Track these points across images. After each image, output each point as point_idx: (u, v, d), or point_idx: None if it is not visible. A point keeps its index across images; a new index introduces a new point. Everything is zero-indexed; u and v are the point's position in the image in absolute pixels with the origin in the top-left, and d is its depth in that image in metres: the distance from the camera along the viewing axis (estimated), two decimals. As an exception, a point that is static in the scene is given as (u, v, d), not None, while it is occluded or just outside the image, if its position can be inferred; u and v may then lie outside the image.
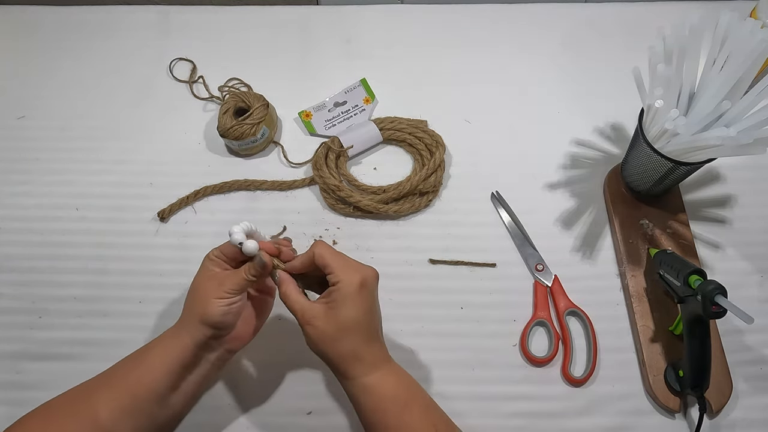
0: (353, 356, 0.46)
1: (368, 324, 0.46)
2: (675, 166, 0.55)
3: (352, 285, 0.46)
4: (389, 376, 0.47)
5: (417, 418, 0.45)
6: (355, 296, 0.45)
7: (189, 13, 0.80)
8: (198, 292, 0.48)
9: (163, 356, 0.47)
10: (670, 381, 0.54)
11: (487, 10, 0.79)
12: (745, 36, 0.49)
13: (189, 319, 0.48)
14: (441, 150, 0.66)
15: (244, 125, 0.64)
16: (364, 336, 0.46)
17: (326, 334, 0.46)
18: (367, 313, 0.46)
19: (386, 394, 0.45)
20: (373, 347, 0.47)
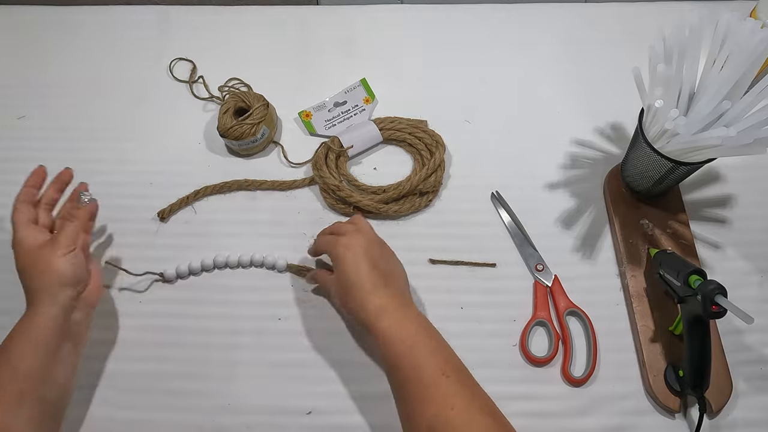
0: (356, 311, 0.51)
1: (364, 276, 0.51)
2: (675, 166, 0.55)
3: (338, 250, 0.53)
4: (398, 320, 0.50)
5: (426, 360, 0.47)
6: (342, 258, 0.53)
7: (189, 13, 0.80)
8: (40, 262, 0.50)
9: (36, 334, 0.49)
10: (670, 381, 0.54)
11: (487, 10, 0.79)
12: (745, 36, 0.49)
13: (45, 291, 0.50)
14: (441, 150, 0.66)
15: (244, 125, 0.64)
16: (364, 287, 0.51)
17: (338, 295, 0.54)
18: (358, 266, 0.52)
19: (395, 337, 0.48)
20: (378, 294, 0.51)
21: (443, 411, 0.44)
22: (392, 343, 0.48)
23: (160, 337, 0.59)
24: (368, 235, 0.55)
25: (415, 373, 0.46)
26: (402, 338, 0.48)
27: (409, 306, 0.52)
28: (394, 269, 0.55)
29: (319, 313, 0.60)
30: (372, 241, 0.54)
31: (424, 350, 0.48)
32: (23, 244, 0.52)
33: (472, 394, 0.46)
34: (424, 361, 0.47)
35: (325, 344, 0.58)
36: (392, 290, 0.52)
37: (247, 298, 0.61)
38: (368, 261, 0.52)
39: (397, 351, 0.48)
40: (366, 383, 0.57)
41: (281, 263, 0.61)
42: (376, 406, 0.56)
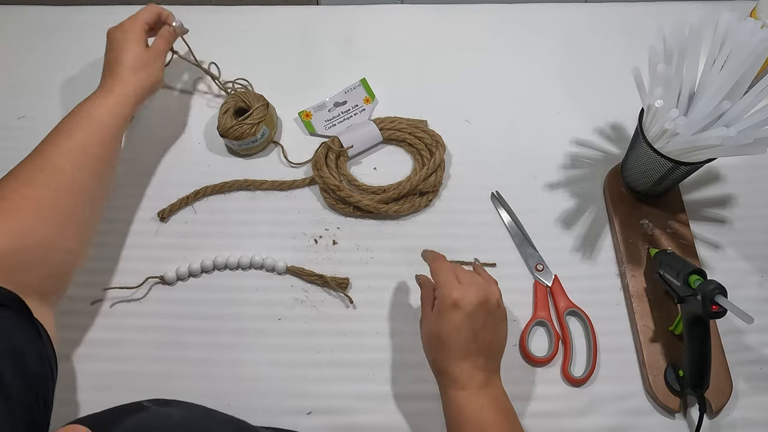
0: (438, 368, 0.49)
1: (456, 342, 0.47)
2: (675, 166, 0.55)
3: (445, 301, 0.47)
4: (476, 398, 0.47)
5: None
6: (445, 312, 0.47)
7: (189, 13, 0.79)
8: (145, 64, 0.62)
9: (114, 117, 0.58)
10: (670, 381, 0.54)
11: (487, 10, 0.79)
12: (745, 36, 0.49)
13: (129, 81, 0.60)
14: (441, 150, 0.66)
15: (244, 125, 0.64)
16: (451, 352, 0.47)
17: (423, 338, 0.51)
18: (457, 332, 0.47)
19: (463, 412, 0.46)
20: (462, 366, 0.47)
21: None
22: (464, 415, 0.46)
23: (160, 338, 0.59)
24: (484, 295, 0.48)
25: None
26: (476, 415, 0.46)
27: (493, 383, 0.48)
28: (494, 340, 0.49)
29: (319, 313, 0.60)
30: (485, 304, 0.48)
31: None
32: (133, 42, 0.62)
33: None
34: None
35: (326, 344, 0.59)
36: (483, 363, 0.48)
37: (247, 299, 0.61)
38: (472, 327, 0.47)
39: (467, 426, 0.46)
40: (366, 383, 0.57)
41: (281, 265, 0.61)
42: (376, 406, 0.56)
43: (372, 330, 0.59)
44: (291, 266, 0.62)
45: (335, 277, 0.61)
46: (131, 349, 0.58)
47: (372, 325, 0.59)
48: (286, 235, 0.64)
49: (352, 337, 0.59)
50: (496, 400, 0.47)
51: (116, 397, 0.56)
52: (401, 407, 0.56)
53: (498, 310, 0.49)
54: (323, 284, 0.61)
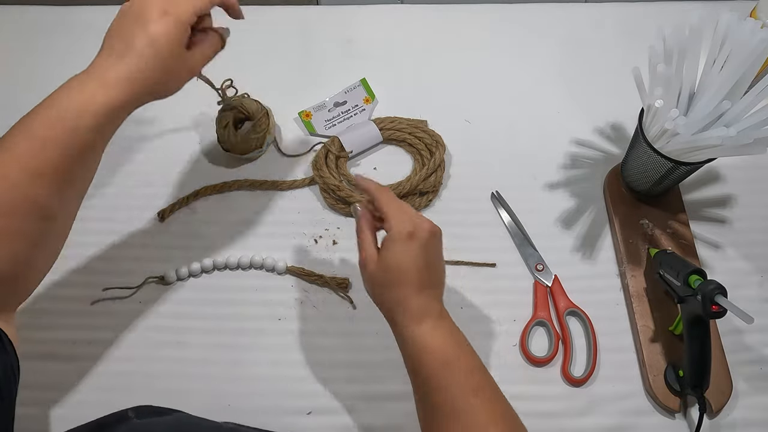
0: (398, 304, 0.45)
1: (416, 274, 0.45)
2: (675, 166, 0.55)
3: (402, 234, 0.46)
4: (436, 331, 0.45)
5: (458, 378, 0.44)
6: (403, 245, 0.45)
7: (189, 13, 0.80)
8: (167, 67, 0.45)
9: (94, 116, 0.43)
10: (670, 381, 0.54)
11: (487, 10, 0.79)
12: (745, 36, 0.49)
13: (138, 83, 0.44)
14: (441, 150, 0.66)
15: (251, 140, 0.65)
16: (411, 286, 0.45)
17: (375, 278, 0.46)
18: (415, 263, 0.45)
19: (427, 348, 0.44)
20: (420, 299, 0.45)
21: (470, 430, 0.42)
22: (428, 351, 0.44)
23: (160, 338, 0.59)
24: (432, 225, 0.48)
25: (447, 388, 0.43)
26: (440, 349, 0.44)
27: (447, 316, 0.47)
28: (442, 274, 0.49)
29: (319, 313, 0.60)
30: (435, 235, 0.47)
31: (459, 368, 0.44)
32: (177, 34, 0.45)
33: (504, 413, 0.44)
34: (457, 379, 0.44)
35: (325, 344, 0.59)
36: (437, 294, 0.47)
37: (247, 299, 0.61)
38: (426, 258, 0.46)
39: (432, 361, 0.44)
40: (366, 383, 0.57)
41: (281, 265, 0.61)
42: (376, 406, 0.56)
43: (372, 330, 0.59)
44: (291, 266, 0.62)
45: (335, 277, 0.61)
46: (131, 349, 0.58)
47: (372, 325, 0.59)
48: (286, 235, 0.64)
49: (352, 337, 0.59)
50: (454, 333, 0.46)
51: (116, 397, 0.56)
52: (401, 407, 0.55)
53: (441, 242, 0.49)
54: (323, 284, 0.61)
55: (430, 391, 0.44)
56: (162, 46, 0.44)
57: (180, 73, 0.47)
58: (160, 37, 0.44)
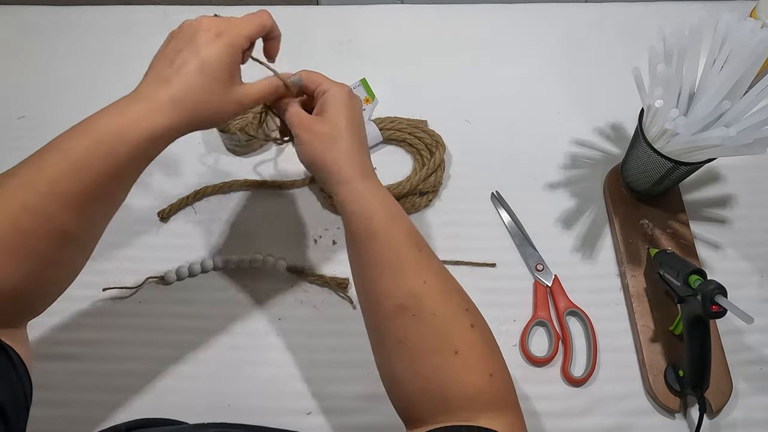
0: (348, 157, 0.46)
1: (358, 131, 0.48)
2: (675, 166, 0.55)
3: (342, 92, 0.47)
4: (379, 188, 0.47)
5: (402, 231, 0.45)
6: (345, 102, 0.47)
7: (189, 13, 0.78)
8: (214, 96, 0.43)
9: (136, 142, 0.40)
10: (670, 381, 0.54)
11: (487, 10, 0.79)
12: (745, 36, 0.49)
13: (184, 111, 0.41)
14: (441, 150, 0.66)
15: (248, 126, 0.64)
16: (356, 141, 0.47)
17: (322, 135, 0.46)
18: (356, 120, 0.48)
19: (376, 203, 0.45)
20: (363, 155, 0.47)
21: (418, 284, 0.43)
22: (374, 205, 0.45)
23: (160, 338, 0.59)
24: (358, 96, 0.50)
25: (393, 241, 0.44)
26: (383, 204, 0.45)
27: (377, 179, 0.48)
28: (366, 141, 0.50)
29: (319, 313, 0.60)
30: (360, 101, 0.50)
31: (403, 222, 0.45)
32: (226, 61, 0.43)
33: (440, 269, 0.45)
34: (400, 235, 0.44)
35: (325, 344, 0.59)
36: (368, 158, 0.48)
37: (247, 299, 0.61)
38: (361, 117, 0.49)
39: (379, 215, 0.44)
40: (366, 383, 0.57)
41: (281, 265, 0.61)
42: (376, 406, 0.56)
43: (372, 330, 0.59)
44: (291, 266, 0.62)
45: (335, 277, 0.61)
46: (131, 349, 0.58)
47: (372, 325, 0.59)
48: (286, 235, 0.64)
49: (352, 337, 0.59)
50: (386, 190, 0.47)
51: (116, 397, 0.56)
52: (401, 407, 0.56)
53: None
54: (323, 284, 0.61)
55: (375, 244, 0.44)
56: (212, 70, 0.42)
57: (227, 103, 0.44)
58: (211, 60, 0.42)
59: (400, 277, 0.43)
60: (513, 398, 0.42)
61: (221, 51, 0.42)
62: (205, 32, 0.43)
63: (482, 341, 0.43)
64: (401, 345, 0.42)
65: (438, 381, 0.40)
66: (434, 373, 0.40)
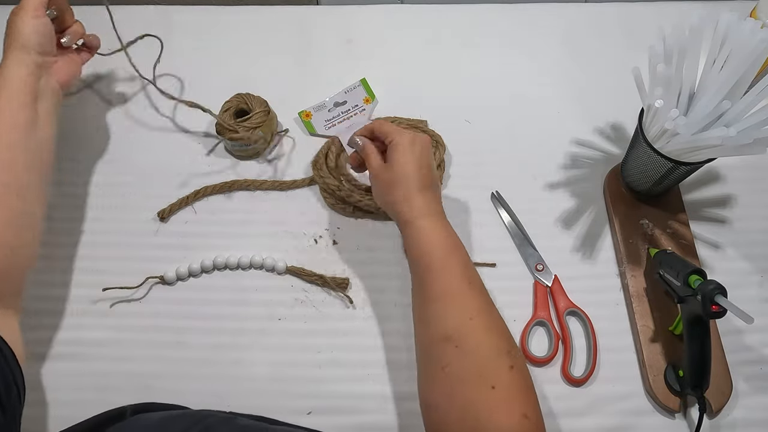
0: (405, 200, 0.52)
1: (419, 174, 0.53)
2: (675, 166, 0.55)
3: (403, 141, 0.54)
4: (439, 224, 0.52)
5: (456, 266, 0.50)
6: (406, 150, 0.53)
7: (189, 13, 0.80)
8: (10, 23, 0.56)
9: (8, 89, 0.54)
10: (670, 381, 0.54)
11: (486, 10, 0.79)
12: (745, 36, 0.49)
13: (11, 50, 0.55)
14: (441, 150, 0.66)
15: (241, 127, 0.64)
16: (416, 184, 0.53)
17: (385, 182, 0.54)
18: (417, 163, 0.53)
19: (434, 239, 0.51)
20: (425, 195, 0.53)
21: (464, 319, 0.46)
22: (432, 240, 0.51)
23: (160, 338, 0.59)
24: (426, 139, 0.56)
25: (447, 273, 0.49)
26: (440, 241, 0.51)
27: (444, 215, 0.54)
28: (437, 178, 0.56)
29: (319, 313, 0.60)
30: (428, 145, 0.55)
31: (458, 258, 0.50)
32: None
33: (488, 306, 0.49)
34: (456, 269, 0.49)
35: (326, 344, 0.58)
36: (435, 195, 0.54)
37: (247, 299, 0.61)
38: (425, 161, 0.54)
39: (435, 249, 0.50)
40: (366, 383, 0.57)
41: (281, 265, 0.61)
42: (377, 406, 0.56)
43: (372, 330, 0.59)
44: (291, 266, 0.62)
45: (335, 277, 0.61)
46: (131, 349, 0.58)
47: (372, 325, 0.59)
48: (286, 235, 0.64)
49: (352, 337, 0.59)
50: (453, 233, 0.53)
51: (116, 397, 0.56)
52: (401, 407, 0.56)
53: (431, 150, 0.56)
54: (323, 284, 0.61)
55: (430, 277, 0.49)
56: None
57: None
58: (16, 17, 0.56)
59: (450, 309, 0.47)
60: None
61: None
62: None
63: (520, 382, 0.45)
64: (443, 372, 0.45)
65: (474, 413, 0.42)
66: (471, 404, 0.43)
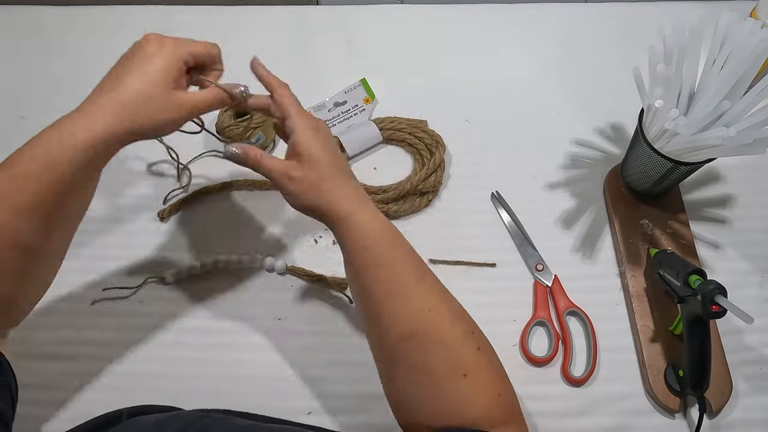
0: (342, 192, 0.46)
1: (335, 158, 0.47)
2: (675, 166, 0.55)
3: (307, 128, 0.47)
4: (374, 214, 0.46)
5: (403, 258, 0.46)
6: (313, 137, 0.46)
7: (189, 13, 0.80)
8: (149, 108, 0.43)
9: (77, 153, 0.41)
10: (670, 381, 0.54)
11: (486, 10, 0.79)
12: (745, 36, 0.49)
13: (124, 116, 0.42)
14: (441, 150, 0.66)
15: (240, 127, 0.64)
16: (342, 172, 0.47)
17: (309, 179, 0.46)
18: (329, 148, 0.47)
19: (375, 232, 0.45)
20: (348, 182, 0.47)
21: (423, 311, 0.43)
22: (373, 233, 0.45)
23: (160, 338, 0.59)
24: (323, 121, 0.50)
25: (395, 272, 0.44)
26: (382, 233, 0.45)
27: (370, 204, 0.48)
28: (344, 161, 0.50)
29: (319, 313, 0.60)
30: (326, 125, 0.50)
31: (403, 249, 0.46)
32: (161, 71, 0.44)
33: (443, 293, 0.46)
34: (403, 262, 0.45)
35: (324, 344, 0.58)
36: (353, 179, 0.48)
37: (247, 299, 0.61)
38: (333, 144, 0.48)
39: (376, 246, 0.45)
40: (366, 383, 0.57)
41: (281, 265, 0.61)
42: (377, 406, 0.56)
43: (372, 330, 0.59)
44: (291, 266, 0.62)
45: (335, 277, 0.61)
46: (131, 349, 0.58)
47: (372, 325, 0.59)
48: (286, 235, 0.64)
49: (352, 337, 0.59)
50: (380, 214, 0.47)
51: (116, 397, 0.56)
52: (401, 407, 0.56)
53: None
54: (323, 284, 0.61)
55: (377, 274, 0.44)
56: (152, 76, 0.43)
57: (167, 107, 0.44)
58: (152, 67, 0.43)
59: (406, 305, 0.44)
60: (519, 414, 0.43)
61: (162, 58, 0.44)
62: (149, 44, 0.44)
63: (488, 362, 0.44)
64: (413, 370, 0.43)
65: (452, 404, 0.41)
66: (447, 396, 0.41)
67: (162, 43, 0.44)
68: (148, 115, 0.43)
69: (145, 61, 0.44)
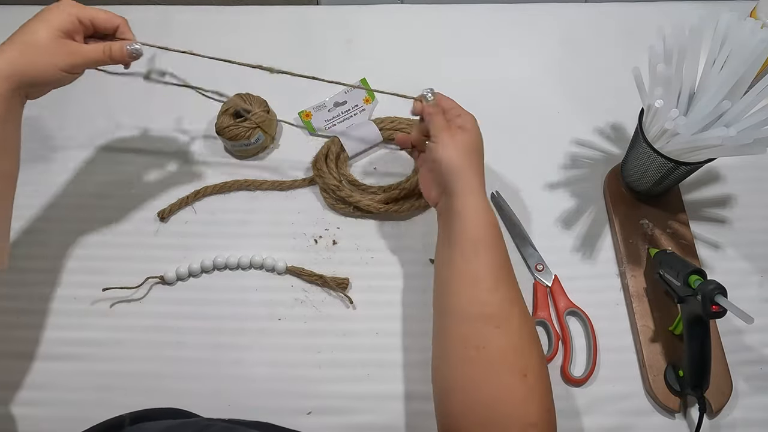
0: (479, 172, 0.51)
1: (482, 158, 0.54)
2: (675, 166, 0.55)
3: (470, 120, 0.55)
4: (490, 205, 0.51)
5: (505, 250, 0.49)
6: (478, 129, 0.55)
7: (189, 13, 0.80)
8: (41, 50, 0.48)
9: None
10: (670, 381, 0.54)
11: (486, 10, 0.79)
12: (745, 36, 0.49)
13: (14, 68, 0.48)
14: (441, 150, 0.66)
15: (240, 127, 0.64)
16: (482, 163, 0.53)
17: (464, 144, 0.52)
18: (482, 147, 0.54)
19: (493, 217, 0.50)
20: (483, 177, 0.52)
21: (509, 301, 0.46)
22: (488, 218, 0.49)
23: (160, 338, 0.59)
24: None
25: (498, 256, 0.48)
26: (495, 222, 0.49)
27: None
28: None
29: (319, 313, 0.60)
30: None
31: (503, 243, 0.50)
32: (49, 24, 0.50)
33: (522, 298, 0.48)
34: (505, 252, 0.49)
35: (326, 344, 0.58)
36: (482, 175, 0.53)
37: (247, 299, 0.61)
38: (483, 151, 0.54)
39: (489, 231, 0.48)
40: (366, 383, 0.57)
41: (281, 265, 0.61)
42: (377, 406, 0.56)
43: (372, 330, 0.59)
44: (291, 266, 0.62)
45: (335, 277, 0.61)
46: (131, 349, 0.58)
47: (372, 325, 0.59)
48: (286, 235, 0.64)
49: (352, 337, 0.59)
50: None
51: (116, 397, 0.56)
52: (401, 407, 0.56)
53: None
54: (323, 284, 0.61)
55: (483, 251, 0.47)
56: (42, 29, 0.49)
57: (58, 55, 0.49)
58: (42, 22, 0.49)
59: (498, 288, 0.46)
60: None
61: (58, 10, 0.49)
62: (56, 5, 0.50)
63: (547, 377, 0.45)
64: (477, 354, 0.44)
65: (506, 399, 0.42)
66: (503, 389, 0.42)
67: (64, 3, 0.50)
68: (41, 63, 0.49)
69: (44, 13, 0.50)
